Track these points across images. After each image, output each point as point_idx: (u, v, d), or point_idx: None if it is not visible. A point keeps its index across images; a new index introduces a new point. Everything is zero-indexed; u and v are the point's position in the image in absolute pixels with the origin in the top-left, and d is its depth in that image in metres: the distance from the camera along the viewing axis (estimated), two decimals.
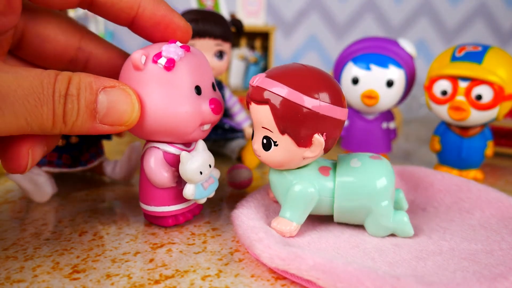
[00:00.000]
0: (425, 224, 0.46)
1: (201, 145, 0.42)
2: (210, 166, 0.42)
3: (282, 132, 0.38)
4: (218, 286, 0.35)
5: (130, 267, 0.38)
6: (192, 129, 0.41)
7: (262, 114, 0.39)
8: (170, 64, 0.39)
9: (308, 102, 0.37)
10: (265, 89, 0.38)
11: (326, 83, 0.39)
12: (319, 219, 0.46)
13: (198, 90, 0.41)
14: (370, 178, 0.41)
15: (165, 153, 0.42)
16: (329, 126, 0.39)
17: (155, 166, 0.42)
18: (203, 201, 0.43)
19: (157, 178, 0.42)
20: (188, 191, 0.41)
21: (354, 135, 0.67)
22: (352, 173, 0.41)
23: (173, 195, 0.43)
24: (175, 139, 0.42)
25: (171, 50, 0.39)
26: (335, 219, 0.43)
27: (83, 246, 0.41)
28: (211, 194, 0.44)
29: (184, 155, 0.40)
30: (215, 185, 0.44)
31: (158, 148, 0.42)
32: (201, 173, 0.41)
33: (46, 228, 0.45)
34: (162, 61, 0.39)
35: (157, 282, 0.35)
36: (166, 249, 0.41)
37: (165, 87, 0.39)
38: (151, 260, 0.39)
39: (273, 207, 0.46)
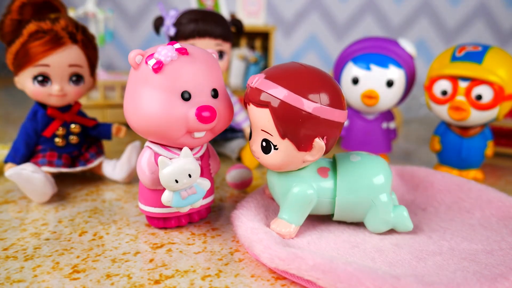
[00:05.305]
0: (425, 224, 0.46)
1: (183, 153, 0.40)
2: (190, 176, 0.40)
3: (283, 136, 0.38)
4: (218, 286, 0.35)
5: (130, 267, 0.38)
6: (176, 134, 0.39)
7: (262, 117, 0.38)
8: (157, 66, 0.38)
9: (309, 106, 0.37)
10: (264, 92, 0.38)
11: (326, 84, 0.38)
12: (319, 219, 0.46)
13: (186, 95, 0.39)
14: (370, 171, 0.41)
15: (156, 154, 0.42)
16: (329, 129, 0.38)
17: (142, 165, 0.42)
18: (184, 210, 0.42)
19: (141, 177, 0.42)
20: (164, 197, 0.40)
21: (354, 135, 0.67)
22: (352, 167, 0.41)
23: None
24: (165, 142, 0.41)
25: (163, 52, 0.38)
26: (335, 216, 0.43)
27: (83, 246, 0.41)
28: (194, 205, 0.42)
29: (160, 160, 0.39)
30: (197, 196, 0.41)
31: (151, 148, 0.42)
32: (176, 181, 0.39)
33: (46, 228, 0.45)
34: (151, 62, 0.38)
35: (157, 282, 0.35)
36: (166, 249, 0.41)
37: (151, 88, 0.39)
38: (151, 260, 0.39)
39: (273, 208, 0.46)
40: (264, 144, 0.39)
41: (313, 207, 0.41)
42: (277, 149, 0.39)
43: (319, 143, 0.38)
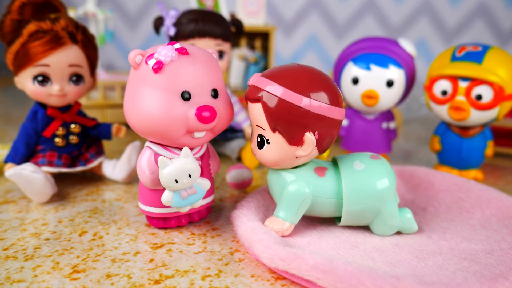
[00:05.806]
0: (426, 223, 0.46)
1: (183, 153, 0.40)
2: (190, 176, 0.40)
3: (274, 129, 0.38)
4: (218, 286, 0.35)
5: (130, 267, 0.38)
6: (177, 134, 0.39)
7: (256, 112, 0.39)
8: (157, 66, 0.38)
9: (299, 100, 0.37)
10: (258, 88, 0.39)
11: (320, 82, 0.39)
12: (319, 219, 0.46)
13: (186, 95, 0.39)
14: (375, 180, 0.41)
15: (156, 154, 0.42)
16: (322, 125, 0.38)
17: (142, 165, 0.42)
18: (184, 210, 0.42)
19: (141, 177, 0.42)
20: (164, 197, 0.40)
21: (354, 135, 0.67)
22: (358, 176, 0.41)
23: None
24: (165, 142, 0.41)
25: (163, 52, 0.38)
26: (342, 222, 0.42)
27: (83, 246, 0.41)
28: (194, 205, 0.42)
29: (160, 160, 0.39)
30: (197, 196, 0.41)
31: (151, 148, 0.42)
32: (176, 181, 0.39)
33: (46, 228, 0.45)
34: (151, 62, 0.39)
35: (157, 282, 0.35)
36: (166, 249, 0.41)
37: (151, 88, 0.39)
38: (151, 260, 0.39)
39: (273, 208, 0.46)
40: (259, 139, 0.40)
41: (310, 206, 0.41)
42: (269, 143, 0.39)
43: (309, 137, 0.38)
